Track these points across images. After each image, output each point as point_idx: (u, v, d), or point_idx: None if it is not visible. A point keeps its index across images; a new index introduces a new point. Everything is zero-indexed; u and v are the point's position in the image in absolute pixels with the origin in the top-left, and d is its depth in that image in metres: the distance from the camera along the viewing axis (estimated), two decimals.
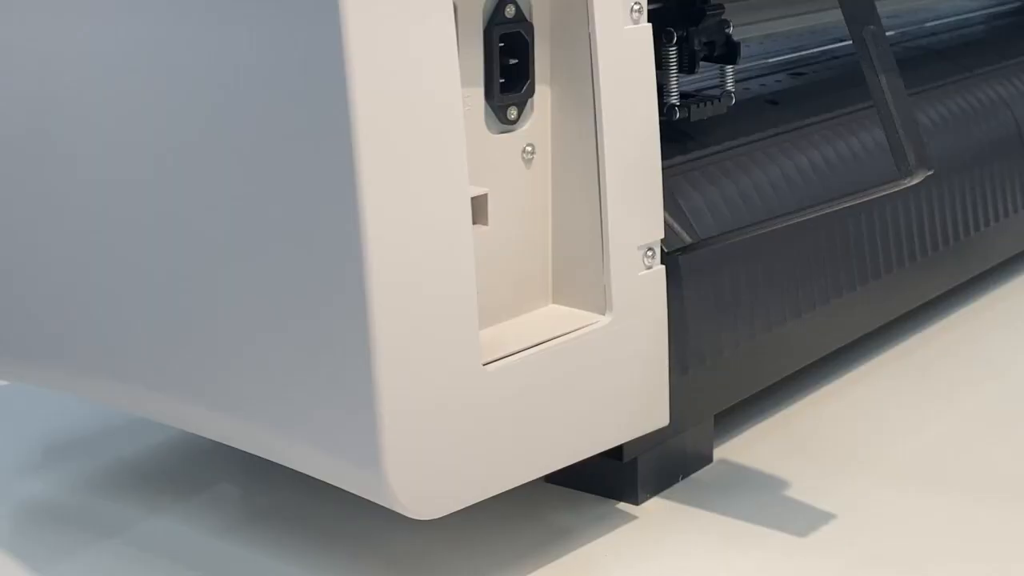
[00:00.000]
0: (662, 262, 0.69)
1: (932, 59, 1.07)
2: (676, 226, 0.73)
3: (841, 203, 0.70)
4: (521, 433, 0.63)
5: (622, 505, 0.74)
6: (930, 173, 0.65)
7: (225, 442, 0.67)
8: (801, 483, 0.76)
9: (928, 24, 1.20)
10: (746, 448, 0.80)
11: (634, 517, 0.73)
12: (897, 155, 0.65)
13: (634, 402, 0.68)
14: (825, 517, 0.73)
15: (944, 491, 0.75)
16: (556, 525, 0.72)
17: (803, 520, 0.73)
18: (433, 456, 0.59)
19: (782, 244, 0.80)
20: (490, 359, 0.61)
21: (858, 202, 0.68)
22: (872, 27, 0.65)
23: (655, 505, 0.74)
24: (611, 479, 0.73)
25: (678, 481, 0.76)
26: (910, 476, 0.77)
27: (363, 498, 0.61)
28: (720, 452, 0.79)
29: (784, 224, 0.71)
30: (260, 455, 0.65)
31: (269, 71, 0.58)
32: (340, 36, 0.55)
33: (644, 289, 0.68)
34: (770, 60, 1.01)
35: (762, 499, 0.75)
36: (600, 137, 0.65)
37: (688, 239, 0.73)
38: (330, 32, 0.55)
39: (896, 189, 0.65)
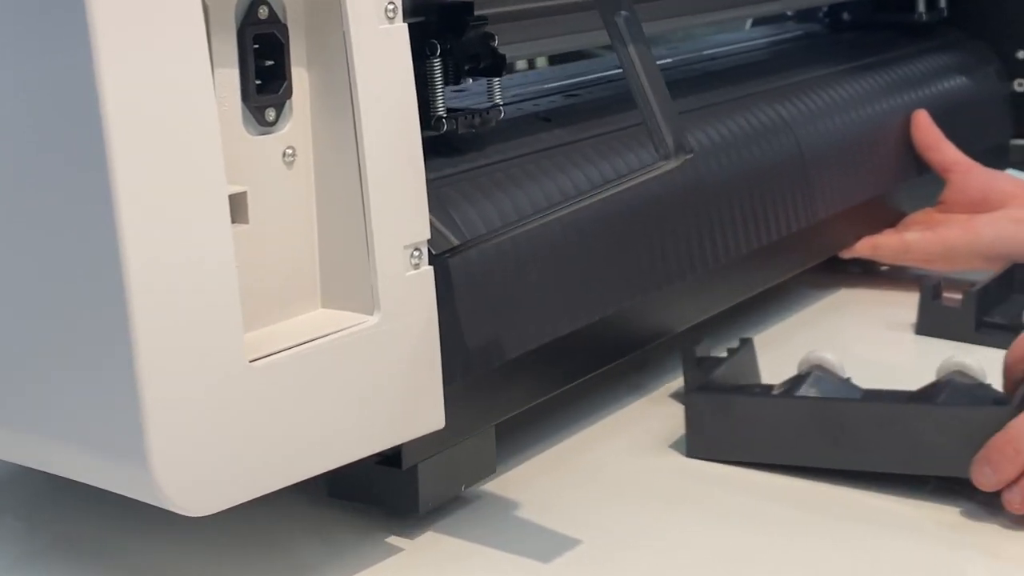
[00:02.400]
0: (431, 264, 0.73)
1: (712, 81, 1.14)
2: (445, 231, 0.78)
3: (603, 190, 0.74)
4: (291, 432, 0.66)
5: (403, 515, 0.78)
6: (689, 156, 0.70)
7: None
8: (587, 502, 0.81)
9: (708, 51, 1.27)
10: (528, 460, 0.85)
11: (414, 529, 0.77)
12: (656, 139, 0.69)
13: (406, 403, 0.72)
14: (609, 530, 0.78)
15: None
16: (333, 540, 0.76)
17: (592, 532, 0.77)
18: (200, 453, 0.63)
19: (557, 253, 0.85)
20: (256, 356, 0.65)
21: (620, 188, 0.73)
22: (624, 12, 0.70)
23: (436, 515, 0.78)
24: (392, 488, 0.77)
25: (460, 491, 0.80)
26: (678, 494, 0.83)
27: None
28: (503, 463, 0.84)
29: (549, 218, 0.75)
30: (29, 465, 0.68)
31: (20, 72, 0.62)
32: (89, 39, 0.59)
33: (412, 289, 0.72)
34: (546, 85, 1.07)
35: (543, 516, 0.79)
36: (360, 137, 0.69)
37: (457, 243, 0.78)
38: (79, 35, 0.59)
39: (656, 173, 0.70)
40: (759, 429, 0.86)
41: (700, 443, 0.88)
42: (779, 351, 1.02)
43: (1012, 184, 1.24)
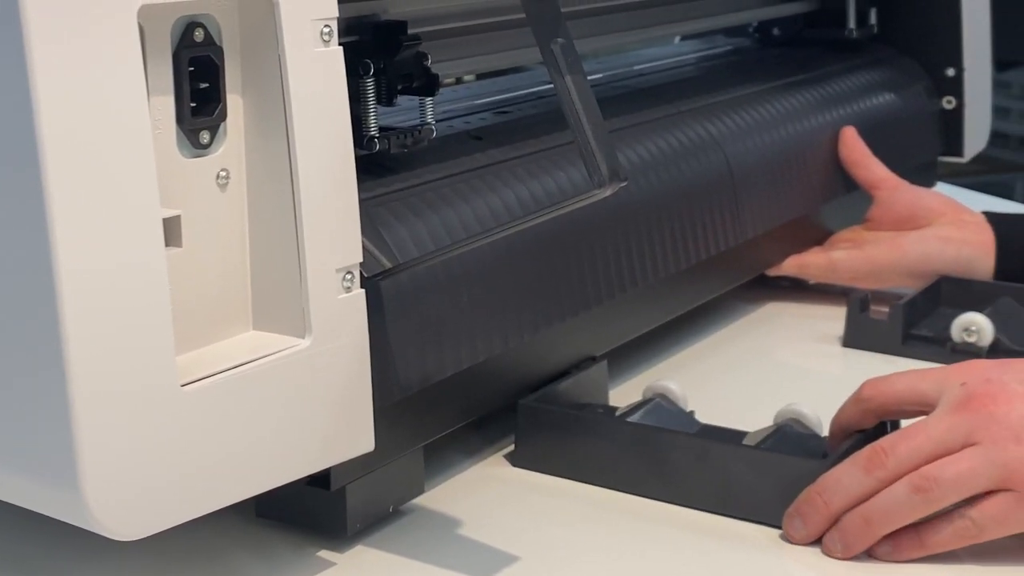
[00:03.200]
0: (362, 287, 0.75)
1: (641, 97, 1.16)
2: (376, 253, 0.79)
3: (537, 216, 0.76)
4: (222, 455, 0.68)
5: (331, 536, 0.80)
6: (623, 184, 0.72)
7: None
8: (507, 526, 0.83)
9: (638, 67, 1.30)
10: (454, 495, 0.87)
11: (342, 548, 0.79)
12: (590, 166, 0.72)
13: (337, 426, 0.74)
14: (538, 549, 0.80)
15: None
16: (266, 557, 0.78)
17: (516, 551, 0.80)
18: (132, 477, 0.64)
19: (487, 273, 0.87)
20: (188, 380, 0.67)
21: (553, 214, 0.75)
22: (560, 40, 0.72)
23: (364, 536, 0.80)
24: (320, 509, 0.79)
25: (388, 511, 0.82)
26: (610, 507, 0.85)
27: None
28: (431, 482, 0.86)
29: (483, 242, 0.77)
30: None
31: None
32: (25, 60, 0.60)
33: (344, 313, 0.74)
34: (476, 101, 1.09)
35: (470, 537, 0.81)
36: (294, 160, 0.71)
37: (388, 264, 0.80)
38: (15, 56, 0.60)
39: (590, 200, 0.72)
40: (583, 448, 0.89)
41: (527, 454, 0.90)
42: (704, 365, 1.05)
43: (938, 201, 1.28)
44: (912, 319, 1.15)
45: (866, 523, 0.79)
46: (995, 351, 1.10)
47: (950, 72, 1.48)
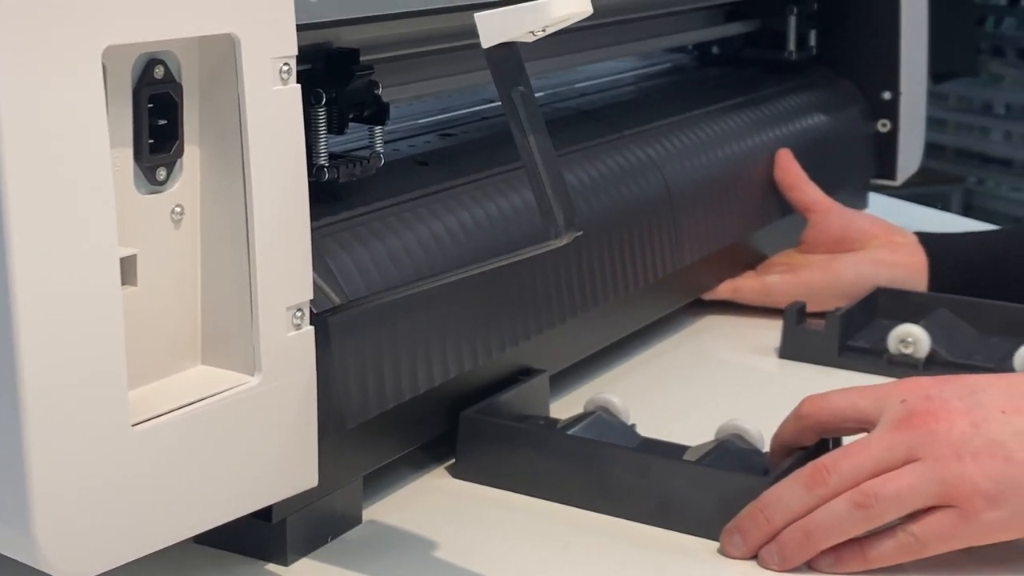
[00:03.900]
0: (311, 323, 0.77)
1: (582, 120, 1.19)
2: (325, 287, 0.81)
3: (491, 263, 0.78)
4: (172, 493, 0.70)
5: (271, 566, 0.82)
6: (579, 234, 0.75)
7: None
8: (450, 543, 0.85)
9: (578, 85, 1.32)
10: (396, 508, 0.89)
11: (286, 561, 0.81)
12: (546, 216, 0.74)
13: (283, 463, 0.76)
14: (478, 561, 0.82)
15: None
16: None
17: (457, 563, 0.82)
18: (84, 516, 0.66)
19: (433, 304, 0.90)
20: (139, 420, 0.68)
21: (507, 262, 0.77)
22: (521, 88, 0.74)
23: (303, 566, 0.82)
24: (261, 540, 0.81)
25: (327, 542, 0.84)
26: (551, 532, 0.88)
27: None
28: (369, 513, 0.88)
29: (434, 284, 0.80)
30: None
31: None
32: None
33: (293, 350, 0.76)
34: (420, 121, 1.11)
35: (410, 560, 0.83)
36: (249, 198, 0.73)
37: (337, 300, 0.82)
38: None
39: (545, 249, 0.75)
40: (525, 460, 0.91)
41: (468, 467, 0.93)
42: (644, 376, 1.07)
43: (870, 224, 1.31)
44: (848, 330, 1.17)
45: (805, 537, 0.81)
46: (932, 362, 1.13)
47: (886, 95, 1.52)
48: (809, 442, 0.89)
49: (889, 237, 1.29)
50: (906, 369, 1.12)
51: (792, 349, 1.17)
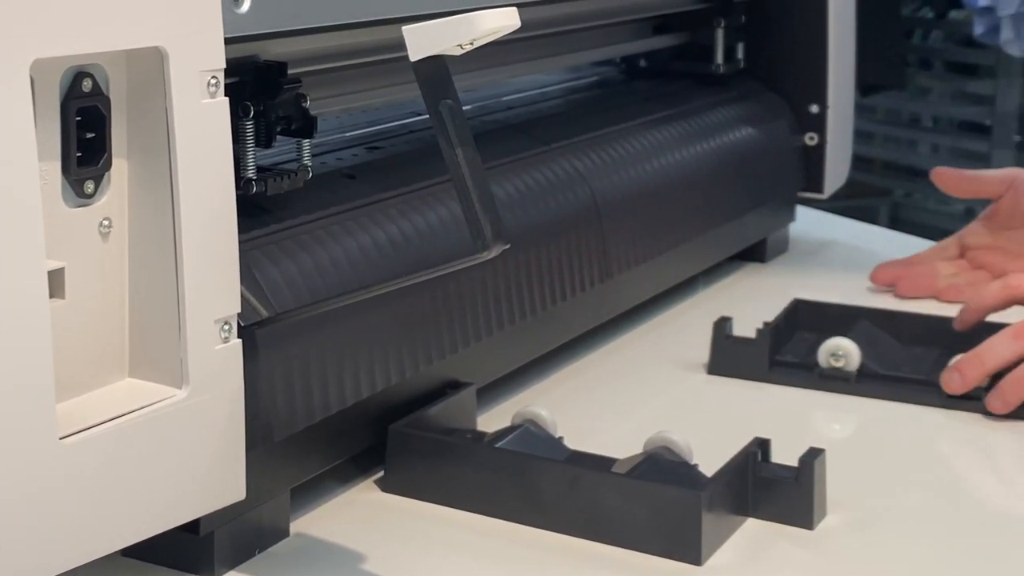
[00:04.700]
0: (239, 336, 0.78)
1: (510, 133, 1.20)
2: (253, 300, 0.83)
3: (419, 276, 0.80)
4: (99, 506, 0.71)
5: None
6: (507, 247, 0.76)
7: None
8: (378, 556, 0.87)
9: (506, 98, 1.34)
10: (323, 522, 0.90)
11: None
12: (474, 229, 0.76)
13: (211, 476, 0.77)
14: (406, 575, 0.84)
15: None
16: None
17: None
18: (10, 529, 0.67)
19: (361, 317, 0.91)
20: (67, 433, 0.69)
21: (435, 275, 0.79)
22: (449, 101, 0.76)
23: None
24: (188, 553, 0.82)
25: (255, 555, 0.85)
26: (482, 545, 0.89)
27: None
28: (296, 526, 0.89)
29: (362, 298, 0.81)
30: None
31: None
32: None
33: (221, 363, 0.77)
34: (348, 134, 1.13)
35: (338, 573, 0.85)
36: (176, 211, 0.74)
37: (265, 313, 0.83)
38: None
39: (474, 263, 0.77)
40: (453, 474, 0.92)
41: (397, 480, 0.94)
42: (567, 389, 1.09)
43: None
44: (777, 342, 1.18)
45: (1018, 381, 1.06)
46: (863, 376, 1.14)
47: (814, 109, 1.54)
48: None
49: None
50: (837, 382, 1.14)
51: (720, 365, 1.18)
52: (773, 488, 0.91)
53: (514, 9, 0.76)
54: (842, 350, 1.15)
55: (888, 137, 3.43)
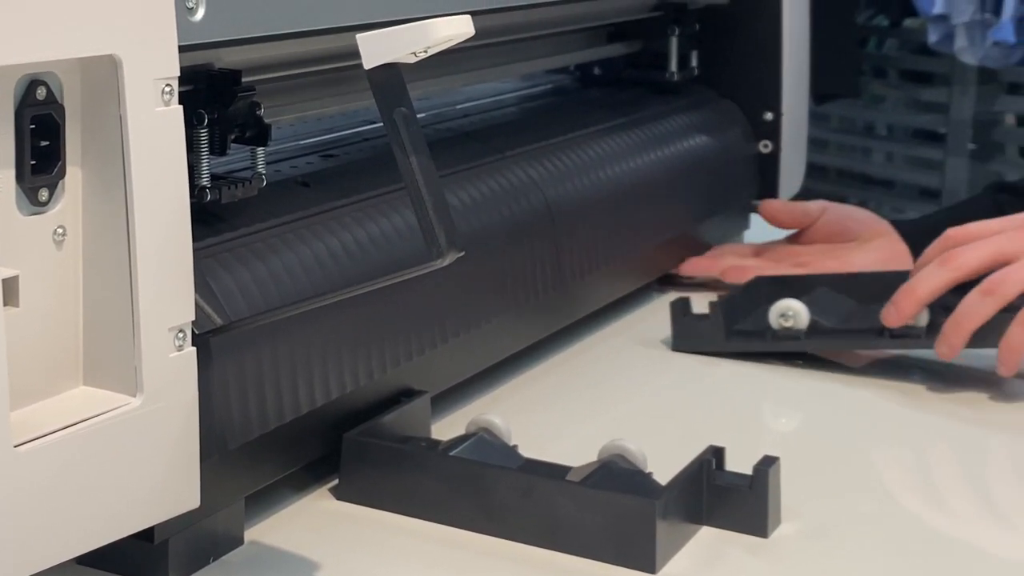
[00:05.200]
0: (193, 344, 0.79)
1: (464, 141, 1.22)
2: (207, 308, 0.84)
3: (373, 284, 0.81)
4: (54, 514, 0.72)
5: None
6: (461, 255, 0.78)
7: None
8: (332, 564, 0.88)
9: (461, 105, 1.35)
10: (278, 530, 0.91)
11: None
12: (428, 238, 0.77)
13: (165, 484, 0.78)
14: None
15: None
16: None
17: None
18: None
19: (315, 325, 0.92)
20: (21, 441, 0.70)
21: (389, 283, 0.80)
22: (403, 109, 0.77)
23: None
24: (143, 561, 0.83)
25: (209, 563, 0.86)
26: (436, 554, 0.90)
27: None
28: (251, 534, 0.90)
29: (316, 305, 0.82)
30: None
31: None
32: None
33: (175, 371, 0.78)
34: (302, 142, 1.14)
35: (296, 565, 0.86)
36: (131, 219, 0.75)
37: (219, 320, 0.84)
38: None
39: (428, 270, 0.78)
40: (407, 482, 0.93)
41: (351, 488, 0.95)
42: (521, 397, 1.10)
43: (864, 215, 1.49)
44: (734, 316, 1.25)
45: (957, 324, 1.12)
46: (813, 332, 1.21)
47: (768, 116, 1.56)
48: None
49: (881, 227, 1.43)
50: (789, 342, 1.21)
51: (681, 340, 1.25)
52: (727, 496, 0.92)
53: (468, 17, 0.77)
54: (791, 310, 1.21)
55: (842, 145, 3.44)
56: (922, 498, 1.03)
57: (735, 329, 1.24)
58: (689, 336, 1.25)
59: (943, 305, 1.18)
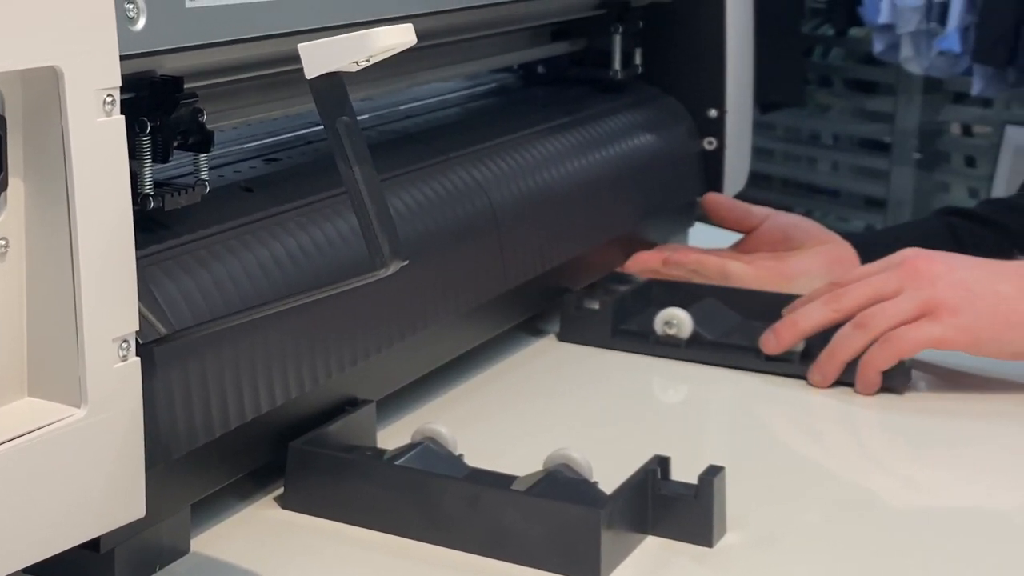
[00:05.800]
0: (137, 354, 0.80)
1: (407, 143, 1.22)
2: (151, 317, 0.84)
3: (316, 294, 0.82)
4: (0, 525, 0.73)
5: None
6: (404, 264, 0.79)
7: None
8: (277, 573, 0.88)
9: (403, 107, 1.36)
10: (224, 539, 0.92)
11: None
12: (372, 247, 0.78)
13: (110, 494, 0.79)
14: None
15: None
16: None
17: None
18: None
19: (259, 332, 0.93)
20: None
21: (333, 292, 0.81)
22: (345, 118, 0.78)
23: None
24: (89, 571, 0.84)
25: (155, 572, 0.87)
26: (382, 563, 0.91)
27: None
28: (197, 543, 0.91)
29: (260, 315, 0.83)
30: None
31: None
32: None
33: (119, 382, 0.79)
34: (245, 146, 1.14)
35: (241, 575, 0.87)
36: (73, 230, 0.75)
37: (163, 330, 0.85)
38: None
39: (371, 280, 0.79)
40: (353, 491, 0.95)
41: (297, 497, 0.96)
42: (467, 405, 1.12)
43: (808, 225, 1.51)
44: (622, 315, 1.29)
45: (831, 355, 1.18)
46: (693, 343, 1.26)
47: (712, 113, 1.58)
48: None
49: (826, 236, 1.47)
50: (670, 349, 1.26)
51: (569, 333, 1.30)
52: (672, 506, 0.93)
53: (410, 26, 0.78)
54: (675, 319, 1.26)
55: (788, 154, 3.47)
56: (868, 505, 1.03)
57: (621, 328, 1.29)
58: (576, 329, 1.30)
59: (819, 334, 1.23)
